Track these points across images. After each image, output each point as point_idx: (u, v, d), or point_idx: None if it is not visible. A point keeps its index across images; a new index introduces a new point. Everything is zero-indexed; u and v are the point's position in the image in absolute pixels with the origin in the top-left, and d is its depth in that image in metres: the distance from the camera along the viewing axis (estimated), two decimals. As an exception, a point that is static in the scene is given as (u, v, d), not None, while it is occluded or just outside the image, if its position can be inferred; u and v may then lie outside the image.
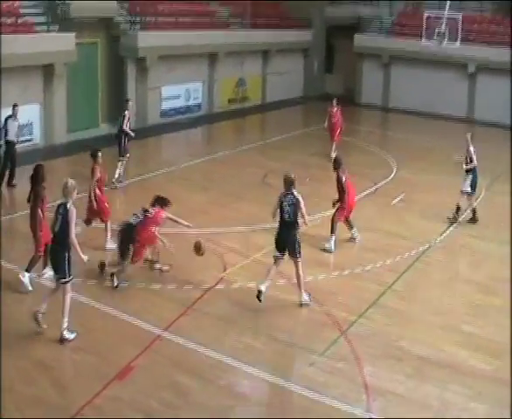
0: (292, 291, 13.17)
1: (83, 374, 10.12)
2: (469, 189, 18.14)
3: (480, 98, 36.28)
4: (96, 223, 15.13)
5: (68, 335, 10.89)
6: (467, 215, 18.34)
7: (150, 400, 9.44)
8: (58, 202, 11.14)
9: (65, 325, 10.86)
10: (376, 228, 17.38)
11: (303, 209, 12.68)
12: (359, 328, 11.97)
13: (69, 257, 10.90)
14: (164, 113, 30.30)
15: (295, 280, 12.74)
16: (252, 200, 19.06)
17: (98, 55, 27.48)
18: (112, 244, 14.58)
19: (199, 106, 32.73)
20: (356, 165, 23.60)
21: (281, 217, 12.66)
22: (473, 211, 18.32)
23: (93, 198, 14.75)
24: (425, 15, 33.95)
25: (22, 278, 12.65)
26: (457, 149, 27.75)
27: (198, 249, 13.50)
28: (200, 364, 10.55)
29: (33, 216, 12.81)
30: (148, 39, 28.01)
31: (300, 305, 12.65)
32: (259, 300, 12.24)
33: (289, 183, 12.81)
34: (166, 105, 30.44)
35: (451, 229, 17.76)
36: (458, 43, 32.84)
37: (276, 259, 12.75)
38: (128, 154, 20.26)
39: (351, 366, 10.72)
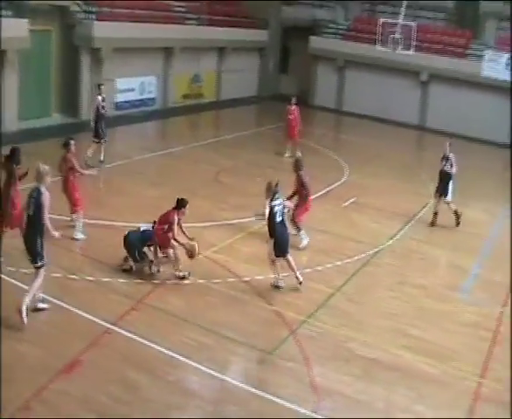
0: (243, 289, 13.25)
1: (28, 367, 9.93)
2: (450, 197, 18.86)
3: (432, 106, 36.86)
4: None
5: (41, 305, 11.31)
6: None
7: (99, 394, 9.35)
8: (32, 185, 11.02)
9: (27, 302, 10.82)
10: (327, 230, 17.52)
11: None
12: (308, 329, 12.05)
13: (42, 241, 10.84)
14: (118, 106, 30.01)
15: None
16: (204, 197, 18.99)
17: (52, 43, 27.09)
18: (81, 235, 14.66)
19: (153, 100, 32.51)
20: (309, 167, 23.64)
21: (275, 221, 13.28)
22: (457, 215, 18.82)
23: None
24: (381, 21, 34.37)
25: None
26: (408, 154, 28.36)
27: (191, 255, 13.50)
28: (150, 359, 10.49)
29: (6, 196, 12.68)
30: (103, 30, 27.69)
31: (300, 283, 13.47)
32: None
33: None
34: (120, 97, 30.16)
35: (401, 233, 18.01)
36: (412, 51, 33.31)
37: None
38: (106, 138, 20.95)
39: (300, 366, 10.78)
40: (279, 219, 13.27)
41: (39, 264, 10.91)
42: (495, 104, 34.80)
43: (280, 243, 13.26)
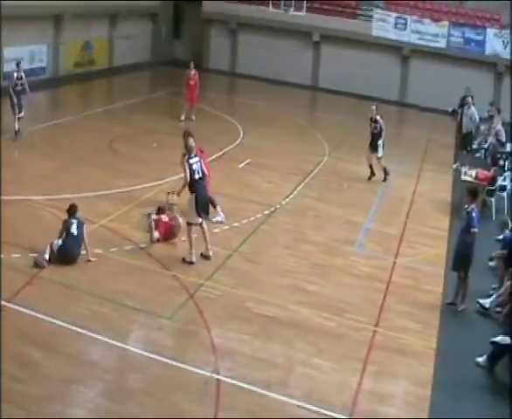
0: (139, 257, 13.20)
1: None
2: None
3: (323, 66, 37.37)
4: None
5: None
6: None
7: (-6, 372, 9.15)
8: None
9: None
10: (223, 192, 17.50)
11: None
12: (207, 291, 12.14)
13: None
14: (7, 76, 28.88)
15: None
16: (98, 165, 18.69)
17: None
18: None
19: (44, 69, 31.48)
20: (204, 130, 23.73)
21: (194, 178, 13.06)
22: (385, 171, 20.26)
23: None
24: (273, -17, 34.40)
25: None
26: (300, 115, 28.71)
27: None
28: (47, 334, 10.30)
29: None
30: (-13, -3, 26.53)
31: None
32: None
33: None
34: (9, 67, 29.01)
35: (296, 192, 18.29)
36: (303, 12, 33.54)
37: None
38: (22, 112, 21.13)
39: (199, 328, 10.87)
40: (197, 176, 13.06)
41: None
42: (386, 63, 35.64)
43: (201, 201, 13.00)
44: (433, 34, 34.47)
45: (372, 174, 20.23)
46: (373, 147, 20.11)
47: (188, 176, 12.98)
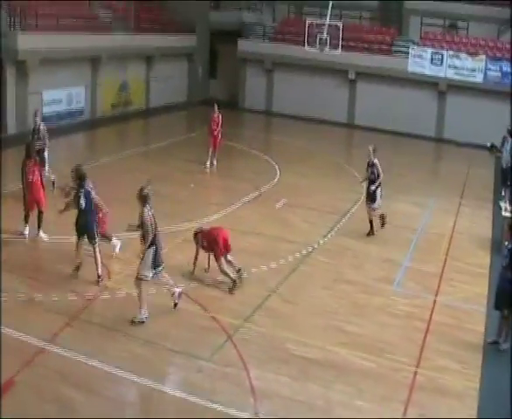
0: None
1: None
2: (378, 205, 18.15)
3: (359, 103, 37.39)
4: None
5: None
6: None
7: (33, 415, 9.17)
8: None
9: None
10: (260, 232, 17.60)
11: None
12: (245, 332, 12.09)
13: None
14: (46, 119, 29.39)
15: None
16: (135, 206, 18.74)
17: (-26, 58, 26.44)
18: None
19: (82, 110, 32.07)
20: (240, 170, 23.91)
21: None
22: (382, 218, 18.48)
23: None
24: (307, 22, 34.60)
25: None
26: (337, 153, 28.70)
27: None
28: (86, 376, 10.34)
29: None
30: (28, 41, 27.07)
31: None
32: None
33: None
34: (47, 109, 29.62)
35: (333, 231, 18.21)
36: (339, 50, 33.66)
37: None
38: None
39: (238, 370, 10.81)
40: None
41: None
42: (422, 99, 35.56)
43: (158, 252, 12.34)
44: (470, 68, 34.26)
45: (372, 231, 18.15)
46: (369, 196, 18.14)
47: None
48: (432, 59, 35.00)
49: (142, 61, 36.64)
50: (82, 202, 13.60)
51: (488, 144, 32.66)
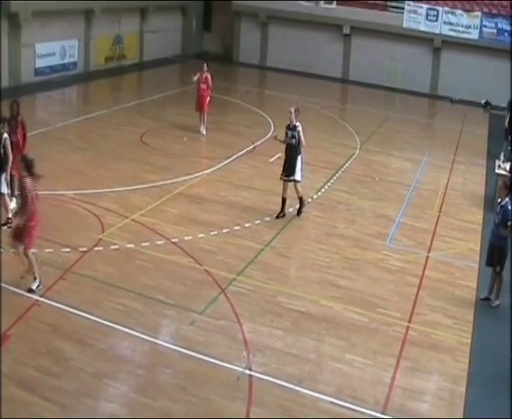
0: (170, 251, 13.20)
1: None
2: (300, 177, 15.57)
3: (354, 59, 37.11)
4: None
5: None
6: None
7: (27, 368, 9.18)
8: None
9: None
10: (254, 186, 17.57)
11: None
12: (238, 286, 12.11)
13: None
14: (39, 72, 29.16)
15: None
16: (129, 159, 18.78)
17: (-35, 9, 26.02)
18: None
19: (75, 64, 31.62)
20: (234, 124, 23.79)
21: None
22: (301, 201, 15.88)
23: None
24: (303, -24, 34.29)
25: None
26: (331, 108, 28.59)
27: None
28: (80, 329, 10.34)
29: None
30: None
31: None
32: None
33: None
34: (41, 63, 29.29)
35: (327, 185, 18.19)
36: (334, 4, 33.37)
37: None
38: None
39: (231, 323, 10.86)
40: None
41: None
42: (417, 55, 35.32)
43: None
44: (465, 25, 33.98)
45: (282, 211, 15.58)
46: (288, 167, 15.42)
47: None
48: (427, 15, 34.69)
49: (136, 14, 36.13)
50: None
51: (483, 101, 32.68)
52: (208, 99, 22.28)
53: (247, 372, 9.58)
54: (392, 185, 18.81)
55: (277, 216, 15.49)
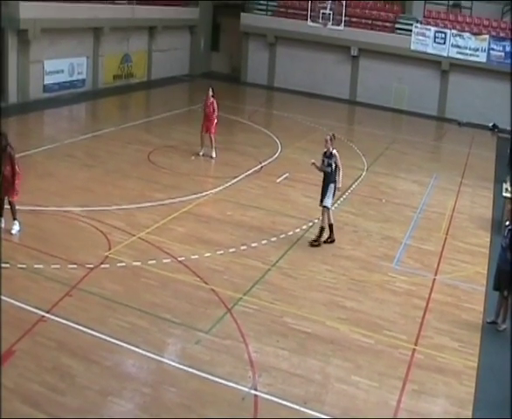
0: (176, 270, 13.20)
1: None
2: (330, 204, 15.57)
3: (361, 80, 37.22)
4: None
5: None
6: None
7: (32, 384, 9.16)
8: None
9: None
10: (261, 206, 17.58)
11: None
12: (244, 306, 12.09)
13: None
14: (47, 88, 29.35)
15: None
16: (136, 178, 18.82)
17: (-25, 25, 26.23)
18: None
19: (83, 81, 31.85)
20: (242, 144, 23.84)
21: None
22: (330, 229, 15.73)
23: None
24: (310, -3, 34.39)
25: None
26: (338, 129, 28.56)
27: None
28: (85, 345, 10.34)
29: None
30: (30, 10, 26.80)
31: None
32: None
33: None
34: (49, 79, 29.47)
35: (334, 206, 18.14)
36: (342, 26, 33.49)
37: None
38: None
39: (237, 343, 10.82)
40: None
41: None
42: (424, 77, 35.41)
43: None
44: (473, 48, 34.07)
45: (330, 236, 15.60)
46: (322, 193, 15.50)
47: None
48: (435, 38, 34.79)
49: (145, 33, 36.38)
50: None
51: (490, 124, 32.72)
52: (215, 122, 22.07)
53: (253, 392, 9.54)
54: (399, 207, 18.79)
55: (325, 242, 15.49)
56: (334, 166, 15.29)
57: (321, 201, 15.49)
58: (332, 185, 15.35)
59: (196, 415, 8.94)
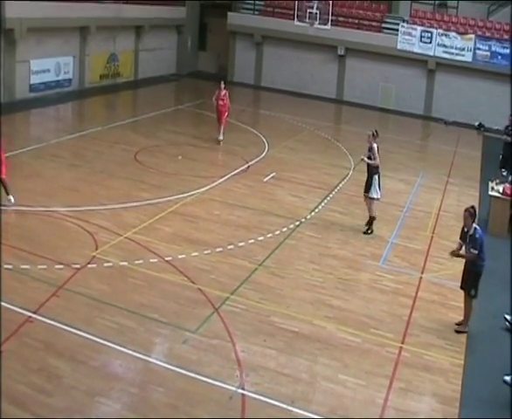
0: (163, 269, 13.19)
1: None
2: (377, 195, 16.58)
3: (348, 79, 37.30)
4: None
5: None
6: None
7: (19, 385, 9.14)
8: None
9: None
10: (248, 206, 17.58)
11: None
12: (232, 305, 12.09)
13: None
14: (33, 88, 29.20)
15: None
16: (123, 177, 18.78)
17: (-40, 25, 26.07)
18: None
19: (70, 81, 31.70)
20: (229, 143, 23.81)
21: None
22: (371, 221, 16.75)
23: None
24: (297, -4, 34.39)
25: None
26: (325, 128, 28.65)
27: None
28: (72, 346, 10.31)
29: None
30: (15, 9, 26.57)
31: None
32: None
33: None
34: (35, 79, 29.32)
35: (321, 205, 18.22)
36: (329, 25, 33.51)
37: None
38: None
39: (224, 342, 10.83)
40: None
41: None
42: (411, 76, 35.53)
43: None
44: (459, 47, 34.20)
45: (370, 228, 16.63)
46: (366, 184, 16.65)
47: None
48: (421, 37, 34.92)
49: (132, 32, 36.28)
50: None
51: (476, 123, 32.88)
52: (226, 114, 24.07)
53: (240, 391, 9.55)
54: (386, 206, 18.80)
55: (364, 233, 16.49)
56: (372, 159, 16.36)
57: (367, 191, 16.50)
58: (376, 176, 16.35)
59: (183, 415, 8.95)
